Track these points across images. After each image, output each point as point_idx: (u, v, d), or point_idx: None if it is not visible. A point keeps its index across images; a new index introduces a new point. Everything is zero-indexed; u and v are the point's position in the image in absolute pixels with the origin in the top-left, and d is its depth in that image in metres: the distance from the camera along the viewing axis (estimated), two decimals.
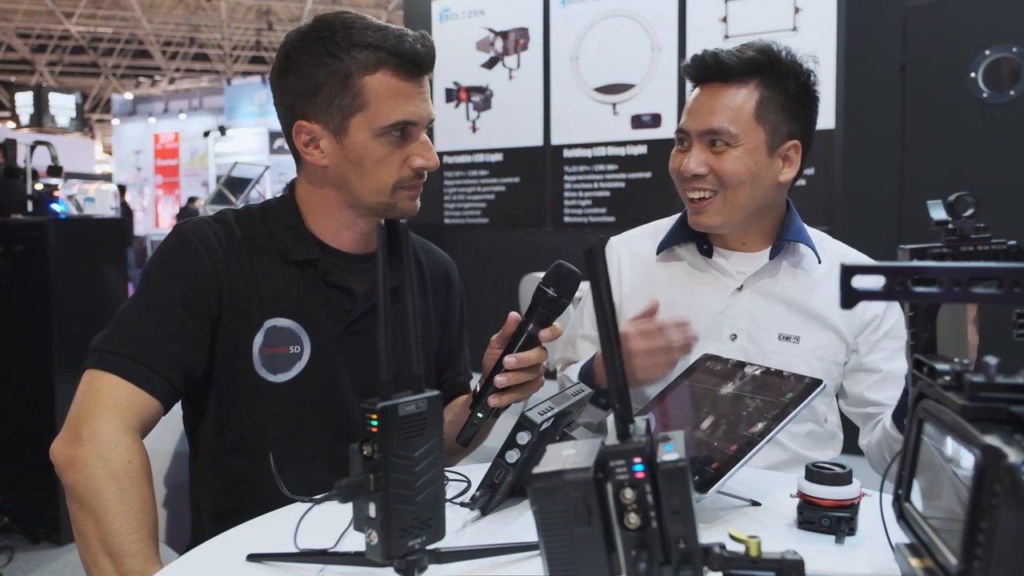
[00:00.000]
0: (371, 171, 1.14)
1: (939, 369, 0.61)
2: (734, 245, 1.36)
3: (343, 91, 1.11)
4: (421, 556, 0.71)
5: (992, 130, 3.42)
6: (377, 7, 15.42)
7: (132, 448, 1.03)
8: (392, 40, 1.11)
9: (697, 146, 1.28)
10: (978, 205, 0.77)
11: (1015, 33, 3.38)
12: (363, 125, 1.12)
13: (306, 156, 1.16)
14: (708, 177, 1.27)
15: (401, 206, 1.17)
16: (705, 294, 1.33)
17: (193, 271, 1.13)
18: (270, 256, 1.17)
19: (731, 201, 1.27)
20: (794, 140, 1.30)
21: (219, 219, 1.19)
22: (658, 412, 1.11)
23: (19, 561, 2.75)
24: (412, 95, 1.13)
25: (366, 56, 1.11)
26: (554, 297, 1.09)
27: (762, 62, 1.26)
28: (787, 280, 1.33)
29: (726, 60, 1.26)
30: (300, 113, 1.14)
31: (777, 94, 1.27)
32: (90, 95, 20.66)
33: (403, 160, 1.15)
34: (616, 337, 0.54)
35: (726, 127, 1.25)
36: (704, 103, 1.28)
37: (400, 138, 1.14)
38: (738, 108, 1.25)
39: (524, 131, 5.40)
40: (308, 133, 1.15)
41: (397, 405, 0.67)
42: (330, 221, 1.20)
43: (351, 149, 1.13)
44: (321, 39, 1.12)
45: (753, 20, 4.60)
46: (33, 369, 2.88)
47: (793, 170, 1.31)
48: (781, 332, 1.30)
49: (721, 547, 0.56)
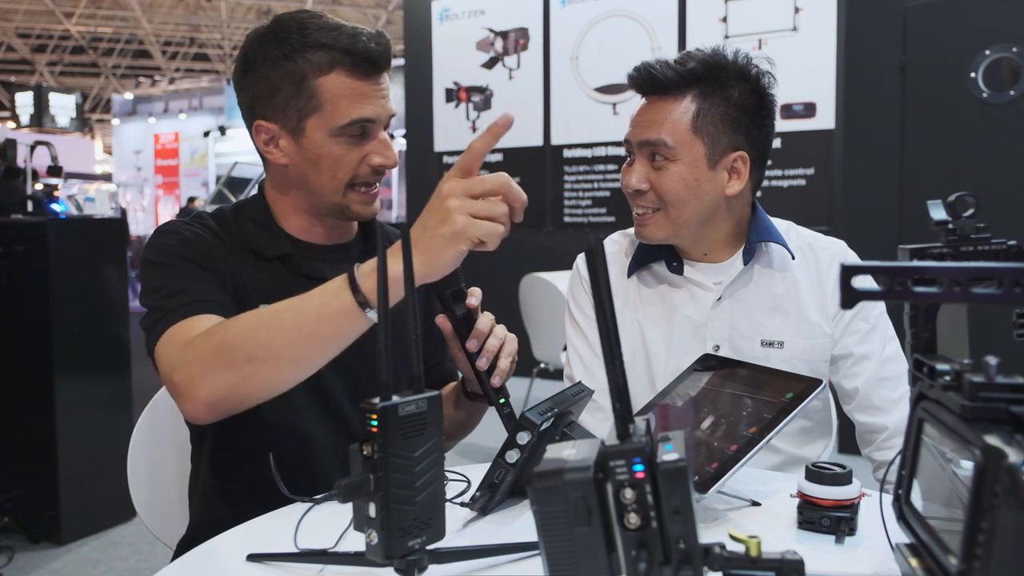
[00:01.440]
0: (328, 170, 1.15)
1: (939, 369, 0.61)
2: (696, 257, 1.35)
3: (298, 92, 1.12)
4: (421, 556, 0.70)
5: (992, 130, 3.42)
6: (377, 7, 15.43)
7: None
8: (345, 40, 1.11)
9: (639, 160, 1.27)
10: (978, 205, 0.77)
11: (1015, 33, 3.38)
12: (319, 126, 1.13)
13: (267, 155, 1.18)
14: (649, 194, 1.26)
15: (355, 209, 1.18)
16: (684, 309, 1.32)
17: (196, 245, 1.13)
18: (246, 255, 1.18)
19: (673, 218, 1.27)
20: (740, 151, 1.26)
21: (197, 221, 1.19)
22: (658, 412, 1.11)
23: (19, 561, 2.76)
24: (368, 94, 1.13)
25: (319, 57, 1.11)
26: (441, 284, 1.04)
27: (700, 73, 1.23)
28: (764, 283, 1.32)
29: (659, 74, 1.24)
30: (259, 113, 1.16)
31: (716, 105, 1.24)
32: (90, 95, 20.66)
33: (361, 158, 1.15)
34: (616, 337, 0.54)
35: (663, 139, 1.23)
36: (645, 115, 1.27)
37: (359, 137, 1.14)
38: (675, 121, 1.24)
39: (524, 131, 5.41)
40: (267, 132, 1.16)
41: (397, 405, 0.67)
42: (298, 218, 1.22)
43: (308, 149, 1.14)
44: (276, 40, 1.13)
45: (753, 20, 4.61)
46: (33, 369, 2.88)
47: (741, 182, 1.27)
48: (764, 338, 1.29)
49: (721, 547, 0.56)
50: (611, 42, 5.06)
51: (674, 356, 1.30)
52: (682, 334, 1.31)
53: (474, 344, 1.09)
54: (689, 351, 1.29)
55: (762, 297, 1.31)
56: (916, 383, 0.66)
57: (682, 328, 1.31)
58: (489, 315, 1.13)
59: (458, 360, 1.15)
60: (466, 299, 1.10)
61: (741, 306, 1.31)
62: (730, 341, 1.30)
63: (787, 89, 4.52)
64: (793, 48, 4.51)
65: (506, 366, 1.10)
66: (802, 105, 4.51)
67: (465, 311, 1.10)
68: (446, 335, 1.13)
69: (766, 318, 1.30)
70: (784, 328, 1.29)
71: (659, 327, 1.33)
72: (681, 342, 1.31)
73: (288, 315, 0.93)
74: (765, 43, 4.58)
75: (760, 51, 4.58)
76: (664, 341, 1.32)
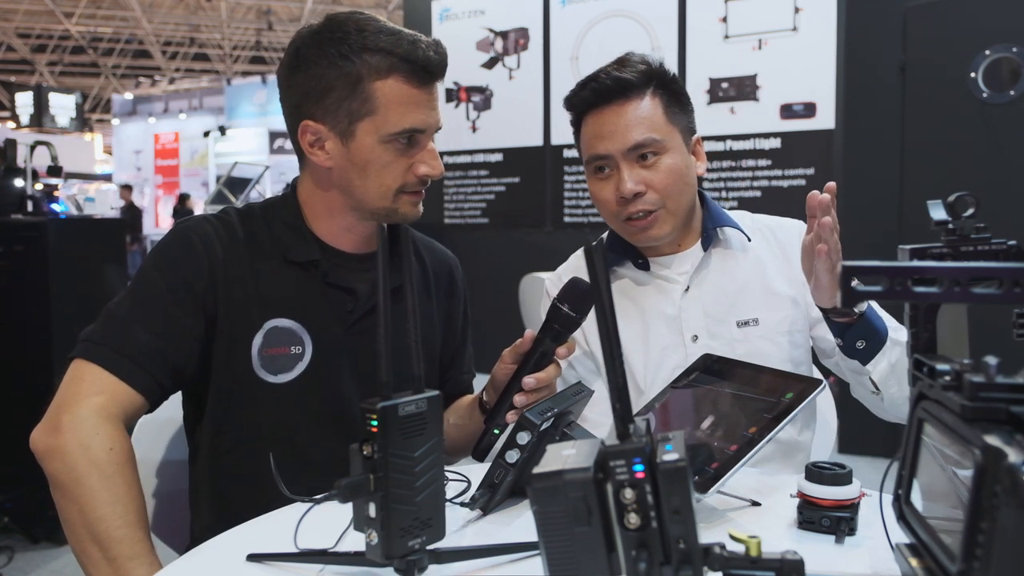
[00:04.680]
0: (375, 176, 1.13)
1: (939, 369, 0.61)
2: (669, 250, 1.36)
3: (352, 94, 1.10)
4: (421, 556, 0.71)
5: (992, 130, 3.42)
6: (377, 7, 15.42)
7: (113, 436, 1.02)
8: (405, 46, 1.10)
9: (626, 166, 1.27)
10: (978, 205, 0.77)
11: (1015, 33, 3.38)
12: (371, 130, 1.11)
13: (311, 156, 1.15)
14: (647, 195, 1.27)
15: (403, 211, 1.17)
16: (656, 305, 1.33)
17: (190, 269, 1.12)
18: (271, 256, 1.17)
19: (673, 210, 1.28)
20: (695, 134, 1.33)
21: (221, 217, 1.19)
22: (658, 412, 1.11)
23: (19, 561, 2.76)
24: (422, 103, 1.12)
25: (378, 60, 1.10)
26: (568, 314, 1.09)
27: (651, 71, 1.28)
28: (728, 266, 1.34)
29: (627, 76, 1.27)
30: (307, 113, 1.13)
31: (669, 95, 1.30)
32: (90, 95, 20.66)
33: (408, 167, 1.14)
34: (616, 338, 0.55)
35: (651, 136, 1.25)
36: (614, 122, 1.27)
37: (407, 145, 1.13)
38: (651, 117, 1.27)
39: (524, 131, 5.40)
40: (314, 133, 1.14)
41: (397, 405, 0.67)
42: (331, 222, 1.20)
43: (357, 153, 1.12)
44: (333, 39, 1.11)
45: (753, 20, 4.61)
46: (33, 369, 2.88)
47: (704, 164, 1.35)
48: (738, 319, 1.30)
49: (721, 547, 0.56)
50: (611, 42, 5.05)
51: (653, 353, 1.31)
52: (657, 330, 1.31)
53: (532, 383, 1.08)
54: (667, 345, 1.30)
55: (728, 280, 1.33)
56: (916, 383, 0.66)
57: (656, 324, 1.32)
58: (560, 370, 1.13)
59: (502, 370, 1.14)
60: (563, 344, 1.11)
61: (710, 292, 1.32)
62: (706, 329, 1.30)
63: (787, 89, 4.52)
64: (793, 48, 4.51)
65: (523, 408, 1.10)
66: (802, 105, 4.51)
67: (552, 349, 1.10)
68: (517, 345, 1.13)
69: (736, 299, 1.31)
70: (756, 305, 1.31)
71: (632, 328, 1.33)
72: (657, 338, 1.31)
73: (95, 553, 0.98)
74: (765, 43, 4.58)
75: (759, 50, 4.58)
76: (641, 340, 1.32)
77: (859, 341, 1.14)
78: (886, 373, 1.15)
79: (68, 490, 0.99)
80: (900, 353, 1.14)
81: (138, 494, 1.02)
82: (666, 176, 1.26)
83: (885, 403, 1.18)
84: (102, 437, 1.01)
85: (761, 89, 4.59)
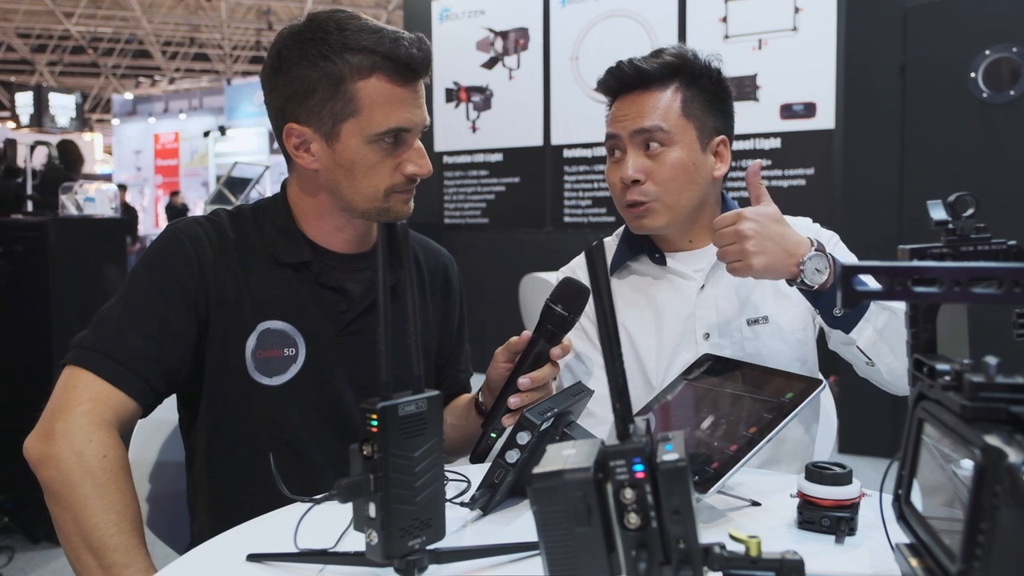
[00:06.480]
0: (362, 177, 1.12)
1: (939, 369, 0.61)
2: (681, 245, 1.36)
3: (335, 95, 1.08)
4: (421, 556, 0.71)
5: (992, 130, 3.42)
6: (377, 7, 15.42)
7: (107, 443, 1.01)
8: (387, 44, 1.08)
9: (632, 151, 1.27)
10: (978, 205, 0.77)
11: (1015, 33, 3.38)
12: (355, 131, 1.10)
13: (296, 159, 1.14)
14: (646, 184, 1.27)
15: (395, 209, 1.16)
16: (670, 301, 1.33)
17: (180, 272, 1.12)
18: (262, 258, 1.16)
19: (671, 204, 1.28)
20: (721, 135, 1.32)
21: (212, 219, 1.18)
22: (658, 412, 1.11)
23: (19, 561, 2.76)
24: (406, 101, 1.11)
25: (360, 60, 1.08)
26: (562, 314, 1.09)
27: (678, 64, 1.28)
28: None
29: (646, 67, 1.27)
30: (291, 115, 1.12)
31: (697, 93, 1.29)
32: (90, 95, 20.65)
33: (395, 167, 1.13)
34: (616, 338, 0.55)
35: (658, 124, 1.26)
36: (630, 108, 1.28)
37: (393, 145, 1.11)
38: (666, 108, 1.27)
39: (524, 131, 5.41)
40: (299, 136, 1.12)
41: (397, 405, 0.67)
42: (322, 223, 1.19)
43: (342, 154, 1.11)
44: (314, 40, 1.09)
45: (753, 20, 4.61)
46: (33, 369, 2.88)
47: (725, 165, 1.33)
48: (749, 317, 1.30)
49: (721, 547, 0.56)
50: (611, 42, 5.05)
51: (665, 349, 1.31)
52: (670, 326, 1.31)
53: (527, 383, 1.08)
54: (680, 343, 1.30)
55: (741, 279, 1.31)
56: (916, 383, 0.66)
57: (670, 320, 1.32)
58: (557, 369, 1.13)
59: (497, 371, 1.14)
60: (558, 345, 1.11)
61: (724, 291, 1.32)
62: (718, 326, 1.30)
63: (787, 89, 4.53)
64: (793, 48, 4.51)
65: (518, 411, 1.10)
66: (802, 105, 4.51)
67: (547, 350, 1.10)
68: (511, 345, 1.13)
69: (748, 297, 1.31)
70: (765, 303, 1.31)
71: (645, 324, 1.33)
72: (670, 335, 1.31)
73: (90, 561, 0.97)
74: (765, 43, 4.58)
75: (759, 50, 4.58)
76: (654, 338, 1.32)
77: (835, 308, 1.13)
78: (874, 340, 1.13)
79: (62, 498, 0.99)
80: (888, 318, 1.13)
81: (132, 501, 1.02)
82: (668, 169, 1.26)
83: (884, 374, 1.16)
84: (95, 444, 1.00)
85: (761, 89, 4.60)
